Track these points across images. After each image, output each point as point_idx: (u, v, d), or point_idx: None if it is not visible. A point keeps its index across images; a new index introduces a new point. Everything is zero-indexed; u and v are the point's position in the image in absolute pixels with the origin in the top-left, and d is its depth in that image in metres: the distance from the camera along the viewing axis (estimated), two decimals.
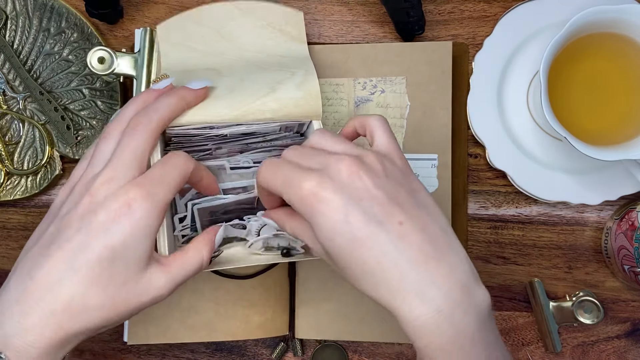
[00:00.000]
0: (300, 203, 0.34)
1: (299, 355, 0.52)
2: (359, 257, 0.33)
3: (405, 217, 0.33)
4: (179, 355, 0.53)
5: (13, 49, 0.52)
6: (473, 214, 0.53)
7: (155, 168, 0.36)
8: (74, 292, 0.34)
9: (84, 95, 0.52)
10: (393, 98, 0.50)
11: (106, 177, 0.35)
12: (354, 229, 0.33)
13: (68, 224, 0.35)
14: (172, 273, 0.36)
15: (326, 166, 0.34)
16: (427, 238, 0.34)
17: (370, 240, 0.33)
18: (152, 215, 0.35)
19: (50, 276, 0.34)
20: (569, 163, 0.51)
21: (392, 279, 0.33)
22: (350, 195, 0.33)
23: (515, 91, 0.51)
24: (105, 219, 0.34)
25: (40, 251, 0.35)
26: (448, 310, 0.32)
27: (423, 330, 0.32)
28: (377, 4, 0.53)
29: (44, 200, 0.54)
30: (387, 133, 0.38)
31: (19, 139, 0.52)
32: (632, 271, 0.48)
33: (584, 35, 0.46)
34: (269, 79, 0.43)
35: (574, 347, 0.52)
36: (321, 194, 0.33)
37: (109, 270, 0.34)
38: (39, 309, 0.33)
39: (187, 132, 0.41)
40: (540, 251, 0.52)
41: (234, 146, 0.43)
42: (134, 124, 0.37)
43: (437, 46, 0.50)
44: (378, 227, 0.33)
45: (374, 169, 0.35)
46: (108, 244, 0.34)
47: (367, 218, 0.33)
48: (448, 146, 0.50)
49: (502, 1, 0.53)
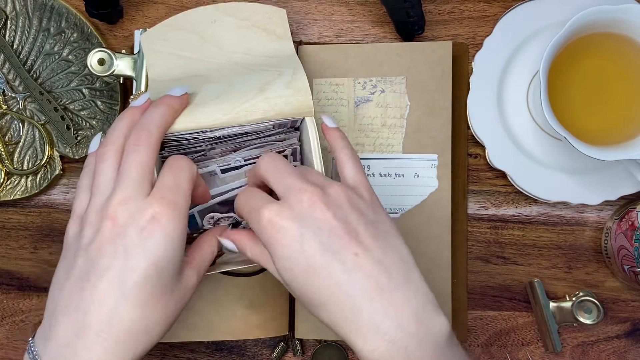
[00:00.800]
0: (260, 231, 0.35)
1: (298, 355, 0.52)
2: (314, 286, 0.34)
3: (361, 249, 0.34)
4: (179, 355, 0.53)
5: (13, 49, 0.52)
6: (473, 214, 0.53)
7: (165, 176, 0.36)
8: (132, 316, 0.34)
9: (84, 95, 0.52)
10: (393, 98, 0.50)
11: (121, 198, 0.35)
12: (309, 257, 0.33)
13: (99, 253, 0.34)
14: (198, 268, 0.38)
15: (288, 194, 0.35)
16: (382, 269, 0.34)
17: (324, 270, 0.33)
18: (181, 223, 0.35)
19: (103, 307, 0.33)
20: (569, 163, 0.51)
21: (345, 310, 0.33)
22: (308, 225, 0.34)
23: (515, 91, 0.51)
24: (138, 239, 0.34)
25: (81, 285, 0.34)
26: (402, 342, 0.32)
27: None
28: (377, 4, 0.53)
29: (44, 201, 0.54)
30: (355, 166, 0.39)
31: (19, 139, 0.52)
32: (632, 271, 0.48)
33: (583, 35, 0.46)
34: (257, 81, 0.42)
35: (574, 347, 0.52)
36: (279, 222, 0.34)
37: (157, 285, 0.34)
38: (103, 341, 0.33)
39: (181, 137, 0.41)
40: (540, 251, 0.52)
41: (228, 145, 0.43)
42: (135, 139, 0.37)
43: (437, 46, 0.50)
44: (333, 257, 0.33)
45: (336, 200, 0.35)
46: (151, 261, 0.34)
47: (323, 248, 0.33)
48: (448, 146, 0.50)
49: (502, 1, 0.53)
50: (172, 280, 0.35)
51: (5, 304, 0.53)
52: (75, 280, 0.35)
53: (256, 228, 0.36)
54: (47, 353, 0.34)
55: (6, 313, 0.53)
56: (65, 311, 0.34)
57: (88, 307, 0.34)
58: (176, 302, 0.36)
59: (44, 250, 0.53)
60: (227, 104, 0.41)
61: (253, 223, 0.36)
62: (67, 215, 0.53)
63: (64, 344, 0.33)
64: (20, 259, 0.53)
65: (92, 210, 0.36)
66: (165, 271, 0.35)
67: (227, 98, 0.41)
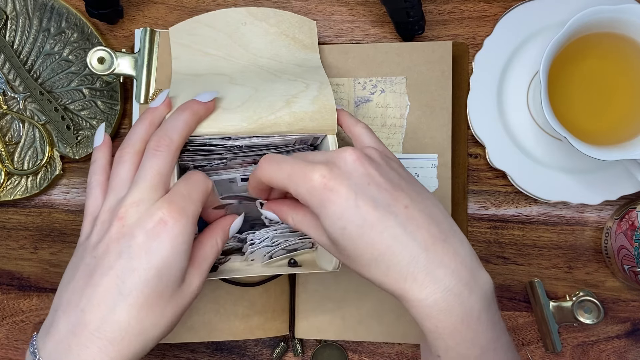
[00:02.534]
0: (309, 194, 0.35)
1: (299, 355, 0.52)
2: (368, 241, 0.34)
3: (409, 201, 0.35)
4: (179, 355, 0.53)
5: (13, 49, 0.52)
6: (473, 214, 0.53)
7: (179, 185, 0.37)
8: (128, 317, 0.34)
9: (84, 95, 0.52)
10: (393, 98, 0.50)
11: (134, 200, 0.35)
12: (363, 213, 0.34)
13: (106, 252, 0.35)
14: (200, 268, 0.38)
15: (330, 158, 0.36)
16: (431, 220, 0.35)
17: (380, 224, 0.34)
18: (188, 230, 0.35)
19: (102, 306, 0.34)
20: (569, 163, 0.51)
21: (402, 262, 0.34)
22: (358, 182, 0.34)
23: (515, 91, 0.51)
24: (144, 240, 0.34)
25: (85, 282, 0.35)
26: (456, 289, 0.33)
27: (433, 310, 0.33)
28: (377, 4, 0.53)
29: (44, 201, 0.54)
30: (374, 136, 0.40)
31: (19, 139, 0.52)
32: (632, 271, 0.48)
33: (583, 35, 0.46)
34: (284, 91, 0.42)
35: (574, 347, 0.52)
36: (330, 183, 0.34)
37: (157, 289, 0.34)
38: (97, 341, 0.33)
39: (204, 141, 0.41)
40: (540, 251, 0.52)
41: (249, 157, 0.44)
42: (155, 144, 0.37)
43: (437, 46, 0.50)
44: (386, 210, 0.34)
45: (375, 159, 0.36)
46: (152, 264, 0.34)
47: (376, 203, 0.34)
48: (448, 146, 0.50)
49: (502, 1, 0.53)
50: (174, 284, 0.35)
51: (5, 304, 0.53)
52: (80, 278, 0.35)
53: (302, 191, 0.35)
54: (45, 348, 0.34)
55: (6, 313, 0.53)
56: (66, 308, 0.35)
57: (87, 306, 0.34)
58: (176, 307, 0.36)
59: (44, 250, 0.53)
60: (252, 112, 0.41)
61: (299, 186, 0.35)
62: (67, 215, 0.53)
63: (60, 341, 0.34)
64: (20, 259, 0.53)
65: (105, 210, 0.37)
66: (167, 275, 0.35)
67: (252, 106, 0.41)
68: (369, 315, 0.50)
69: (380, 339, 0.51)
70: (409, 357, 0.52)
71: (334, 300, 0.50)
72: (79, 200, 0.53)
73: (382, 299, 0.50)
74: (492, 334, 0.34)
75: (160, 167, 0.36)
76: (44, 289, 0.53)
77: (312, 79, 0.44)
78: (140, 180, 0.36)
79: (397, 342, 0.52)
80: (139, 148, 0.38)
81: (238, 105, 0.41)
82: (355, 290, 0.50)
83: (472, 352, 0.34)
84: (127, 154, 0.38)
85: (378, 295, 0.50)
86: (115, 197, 0.37)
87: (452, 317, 0.33)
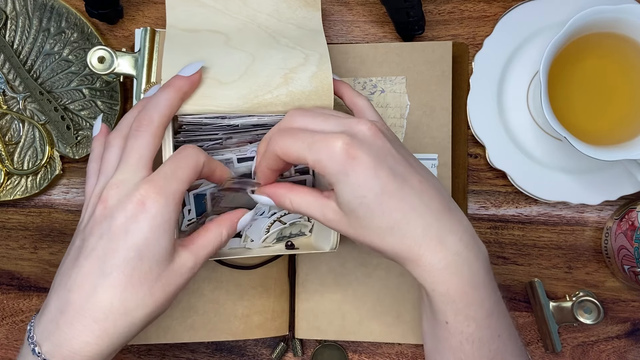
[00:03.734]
0: (330, 162, 0.35)
1: (299, 355, 0.52)
2: (386, 210, 0.35)
3: (421, 176, 0.37)
4: (179, 355, 0.53)
5: (13, 49, 0.52)
6: (473, 214, 0.53)
7: (165, 164, 0.37)
8: (111, 297, 0.35)
9: (84, 95, 0.52)
10: (393, 98, 0.50)
11: (115, 181, 0.36)
12: (383, 183, 0.35)
13: (90, 233, 0.36)
14: (197, 252, 0.38)
15: (348, 128, 0.36)
16: (440, 194, 0.37)
17: (398, 193, 0.35)
18: (168, 209, 0.36)
19: (85, 286, 0.35)
20: (569, 163, 0.51)
21: (417, 229, 0.35)
22: (376, 152, 0.35)
23: (515, 91, 0.51)
24: (123, 221, 0.35)
25: (72, 263, 0.36)
26: (464, 254, 0.36)
27: (445, 273, 0.35)
28: (377, 4, 0.53)
29: (44, 201, 0.54)
30: (375, 111, 0.41)
31: (19, 139, 0.52)
32: (632, 271, 0.48)
33: (583, 35, 0.46)
34: (282, 63, 0.41)
35: (574, 347, 0.52)
36: (353, 151, 0.35)
37: (139, 269, 0.35)
38: (82, 318, 0.35)
39: (199, 120, 0.40)
40: (540, 251, 0.52)
41: (244, 136, 0.43)
42: (136, 125, 0.37)
43: (437, 46, 0.50)
44: (403, 181, 0.36)
45: (386, 134, 0.37)
46: (131, 244, 0.35)
47: (394, 173, 0.35)
48: (448, 146, 0.50)
49: (502, 1, 0.53)
50: (159, 264, 0.36)
51: (5, 304, 0.53)
52: (69, 260, 0.36)
53: (324, 158, 0.35)
54: (39, 327, 0.36)
55: (6, 313, 0.53)
56: (57, 289, 0.36)
57: (73, 286, 0.35)
58: (166, 287, 0.36)
59: (44, 250, 0.53)
60: (248, 89, 0.40)
61: (320, 154, 0.35)
62: (67, 215, 0.53)
63: (51, 319, 0.35)
64: (20, 259, 0.53)
65: (94, 194, 0.38)
66: (149, 255, 0.35)
67: (249, 81, 0.40)
68: (369, 315, 0.50)
69: (380, 339, 0.51)
70: (409, 357, 0.52)
71: (334, 300, 0.50)
72: (79, 200, 0.53)
73: (382, 298, 0.50)
74: (494, 298, 0.37)
75: (140, 146, 0.37)
76: (43, 289, 0.53)
77: (311, 48, 0.43)
78: (121, 163, 0.37)
79: (397, 342, 0.52)
80: (126, 133, 0.38)
81: (235, 78, 0.40)
82: (355, 291, 0.50)
83: (479, 314, 0.36)
84: (115, 138, 0.39)
85: (378, 295, 0.50)
86: (103, 180, 0.38)
87: (462, 280, 0.35)
